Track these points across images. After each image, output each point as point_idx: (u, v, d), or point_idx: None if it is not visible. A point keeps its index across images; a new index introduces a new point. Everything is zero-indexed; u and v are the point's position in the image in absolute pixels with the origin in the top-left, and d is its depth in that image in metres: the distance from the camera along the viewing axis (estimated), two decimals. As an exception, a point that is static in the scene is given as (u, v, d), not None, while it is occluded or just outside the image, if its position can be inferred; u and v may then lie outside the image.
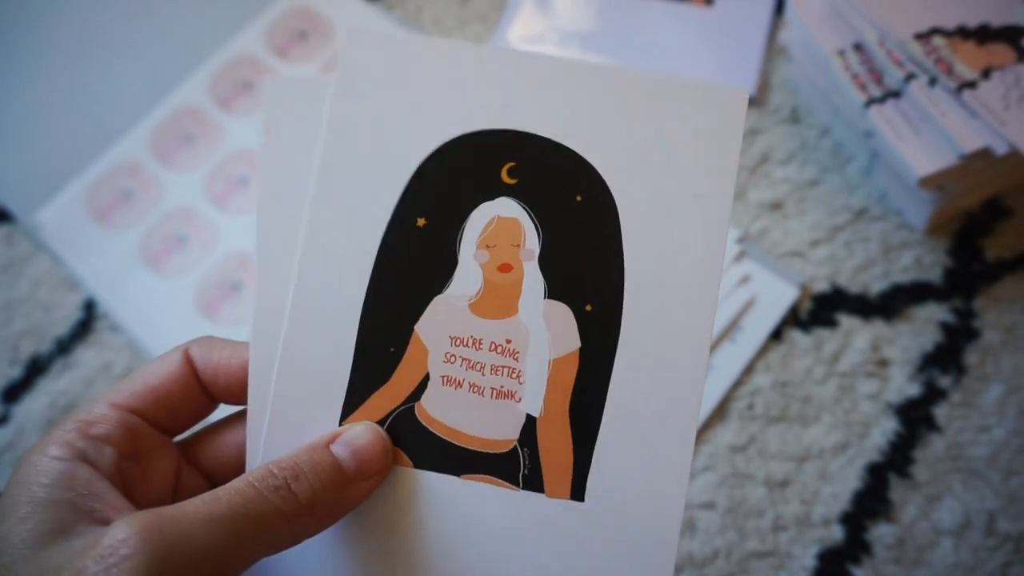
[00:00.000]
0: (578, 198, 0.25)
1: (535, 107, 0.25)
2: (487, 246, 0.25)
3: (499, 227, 0.25)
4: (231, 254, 0.51)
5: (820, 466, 0.43)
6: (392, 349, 0.25)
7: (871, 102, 0.44)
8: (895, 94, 0.44)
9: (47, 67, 0.60)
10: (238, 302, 0.50)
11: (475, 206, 0.25)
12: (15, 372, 0.49)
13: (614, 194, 0.25)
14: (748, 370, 0.45)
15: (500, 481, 0.25)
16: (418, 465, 0.25)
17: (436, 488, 0.25)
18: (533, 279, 0.25)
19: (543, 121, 0.25)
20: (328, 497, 0.23)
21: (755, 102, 0.53)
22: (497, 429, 0.25)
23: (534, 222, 0.25)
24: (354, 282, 0.25)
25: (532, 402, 0.25)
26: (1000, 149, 0.40)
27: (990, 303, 0.46)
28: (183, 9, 0.61)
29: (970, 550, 0.40)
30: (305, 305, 0.25)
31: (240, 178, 0.54)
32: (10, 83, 0.59)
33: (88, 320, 0.51)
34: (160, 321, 0.49)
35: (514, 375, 0.25)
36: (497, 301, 0.25)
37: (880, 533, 0.41)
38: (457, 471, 0.25)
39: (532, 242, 0.25)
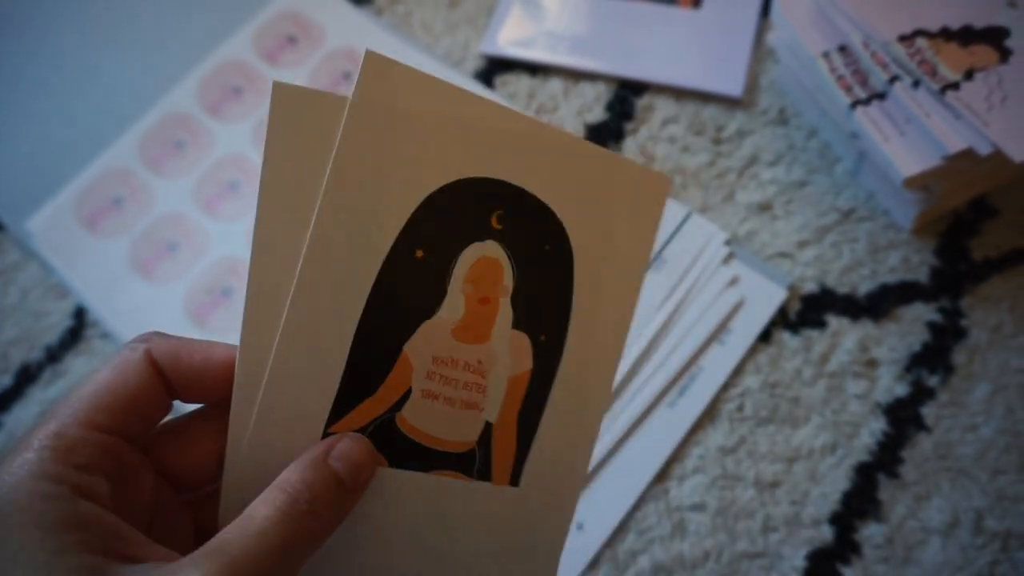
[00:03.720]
0: (547, 247, 0.29)
1: (527, 164, 0.28)
2: (472, 280, 0.28)
3: (485, 266, 0.28)
4: (221, 260, 0.51)
5: (809, 467, 0.43)
6: (383, 366, 0.27)
7: (856, 103, 0.45)
8: (880, 95, 0.45)
9: (36, 75, 0.60)
10: (229, 308, 0.50)
11: (467, 245, 0.28)
12: (5, 381, 0.49)
13: (572, 248, 0.29)
14: (737, 372, 0.45)
15: (460, 475, 0.29)
16: (393, 464, 0.28)
17: (408, 482, 0.28)
18: (505, 312, 0.29)
19: (532, 178, 0.29)
20: (335, 510, 0.25)
21: (743, 104, 0.53)
22: (461, 433, 0.29)
23: (512, 264, 0.28)
24: (352, 301, 0.27)
25: (491, 412, 0.29)
26: (983, 149, 0.41)
27: (977, 302, 0.46)
28: (172, 16, 0.61)
29: (958, 549, 0.40)
30: (302, 316, 0.26)
31: (230, 184, 0.54)
32: (-1, 91, 0.59)
33: (78, 328, 0.51)
34: (150, 328, 0.49)
35: (480, 390, 0.29)
36: (475, 328, 0.28)
37: (869, 533, 0.41)
38: (426, 468, 0.28)
39: (508, 280, 0.28)
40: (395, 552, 0.28)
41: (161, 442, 0.26)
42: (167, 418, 0.26)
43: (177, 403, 0.27)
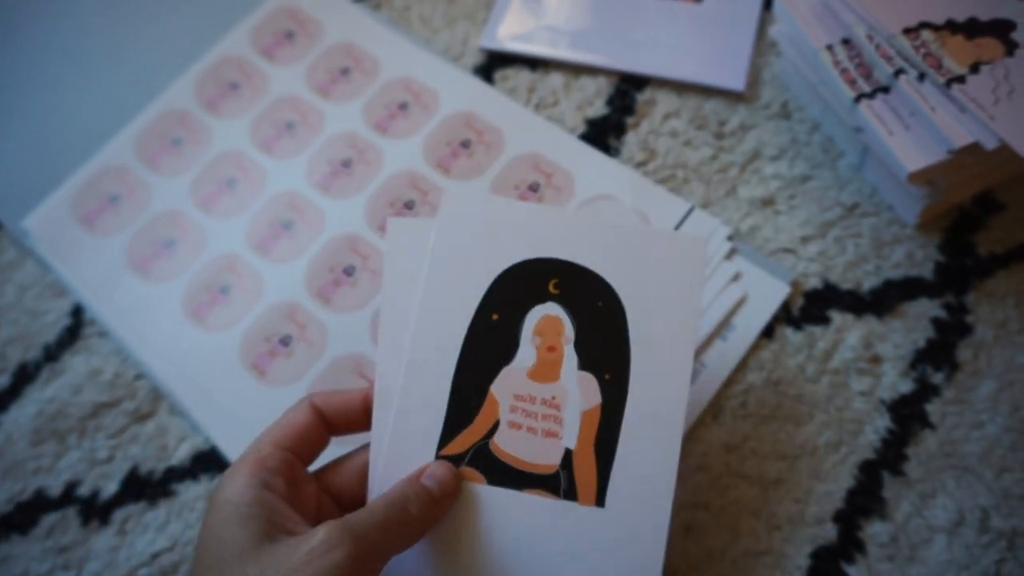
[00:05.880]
0: (599, 304, 0.36)
1: (572, 244, 0.37)
2: (539, 334, 0.36)
3: (548, 322, 0.36)
4: (219, 257, 0.51)
5: (813, 464, 0.42)
6: (474, 403, 0.36)
7: (860, 97, 0.44)
8: (884, 89, 0.44)
9: (32, 73, 0.59)
10: (226, 305, 0.49)
11: (531, 307, 0.37)
12: (3, 380, 0.49)
13: (623, 303, 0.36)
14: (740, 368, 0.45)
15: (548, 493, 0.35)
16: (490, 483, 0.35)
17: (503, 499, 0.35)
18: (570, 357, 0.36)
19: (577, 254, 0.37)
20: (426, 513, 0.33)
21: (745, 97, 0.53)
22: (545, 457, 0.35)
23: (571, 319, 0.36)
24: (448, 356, 0.36)
25: (570, 439, 0.35)
26: (990, 144, 0.40)
27: (982, 298, 0.45)
28: (169, 12, 0.60)
29: (964, 547, 0.40)
30: (415, 375, 0.36)
31: (227, 181, 0.53)
32: (-6, 88, 0.58)
33: (76, 326, 0.50)
34: (148, 326, 0.49)
35: (557, 421, 0.36)
36: (546, 371, 0.36)
37: (874, 531, 0.41)
38: (518, 487, 0.35)
39: (569, 332, 0.36)
40: (496, 558, 0.34)
41: (327, 469, 0.37)
42: (334, 453, 0.37)
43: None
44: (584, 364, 0.36)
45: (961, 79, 0.42)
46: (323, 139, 0.54)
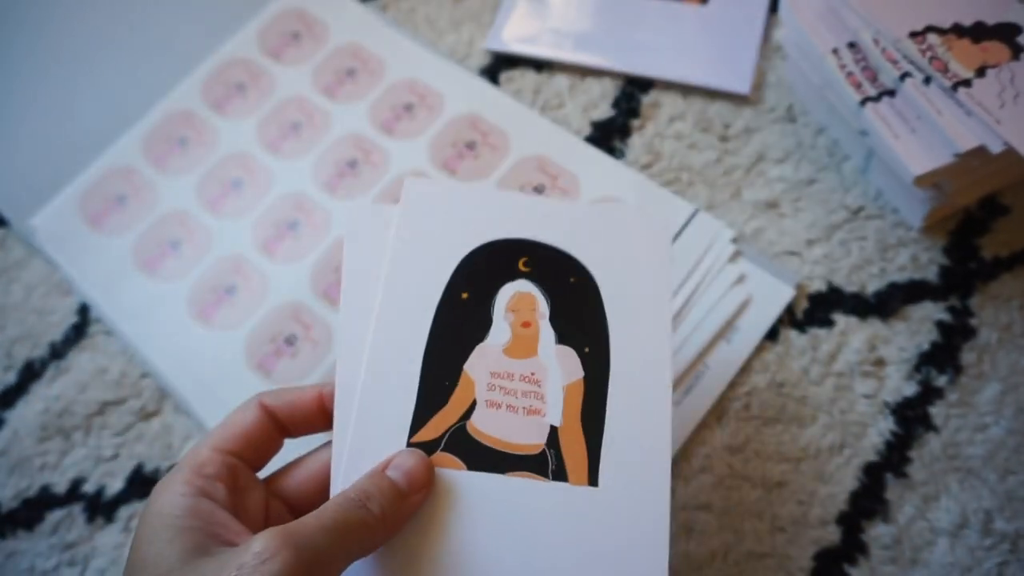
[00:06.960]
0: (572, 279, 0.36)
1: (538, 224, 0.37)
2: (513, 310, 0.35)
3: (520, 298, 0.35)
4: (225, 258, 0.51)
5: (817, 467, 0.42)
6: (447, 383, 0.33)
7: (866, 101, 0.44)
8: (890, 92, 0.44)
9: (40, 72, 0.59)
10: (232, 306, 0.49)
11: (502, 284, 0.36)
12: (9, 377, 0.49)
13: (594, 276, 0.36)
14: (744, 370, 0.45)
15: (535, 475, 0.32)
16: (471, 468, 0.32)
17: (486, 484, 0.32)
18: (546, 331, 0.35)
19: (545, 233, 0.36)
20: (393, 510, 0.30)
21: (750, 100, 0.53)
22: (529, 436, 0.33)
23: (543, 294, 0.35)
24: (416, 337, 0.34)
25: (554, 416, 0.33)
26: (995, 147, 0.40)
27: (987, 301, 0.45)
28: (176, 12, 0.60)
29: (967, 550, 0.40)
30: (380, 358, 0.33)
31: (233, 182, 0.54)
32: (2, 88, 0.59)
33: (82, 325, 0.50)
34: (154, 326, 0.49)
35: (538, 397, 0.34)
36: (522, 347, 0.35)
37: (877, 533, 0.41)
38: (502, 470, 0.32)
39: (543, 307, 0.35)
40: (484, 548, 0.31)
41: (278, 475, 0.34)
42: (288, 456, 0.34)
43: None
44: (562, 338, 0.35)
45: (967, 83, 0.42)
46: (329, 140, 0.54)
